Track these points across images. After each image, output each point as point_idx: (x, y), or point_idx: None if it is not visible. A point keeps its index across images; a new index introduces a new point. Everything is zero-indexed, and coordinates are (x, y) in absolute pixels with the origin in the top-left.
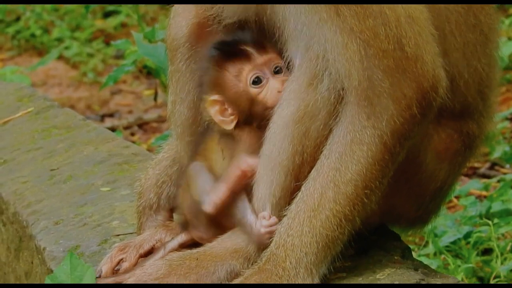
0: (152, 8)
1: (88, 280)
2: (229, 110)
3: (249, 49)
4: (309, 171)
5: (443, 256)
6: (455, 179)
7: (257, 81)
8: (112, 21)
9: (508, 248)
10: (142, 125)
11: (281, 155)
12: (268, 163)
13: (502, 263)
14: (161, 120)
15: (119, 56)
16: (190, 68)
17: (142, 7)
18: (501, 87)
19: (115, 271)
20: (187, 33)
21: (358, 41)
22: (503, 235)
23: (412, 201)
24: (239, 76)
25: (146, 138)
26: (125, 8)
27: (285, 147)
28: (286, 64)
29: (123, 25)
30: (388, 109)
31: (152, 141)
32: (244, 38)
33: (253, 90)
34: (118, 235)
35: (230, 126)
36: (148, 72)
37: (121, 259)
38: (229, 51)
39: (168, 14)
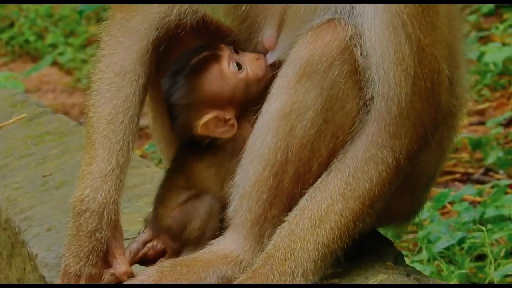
0: None
1: None
2: (226, 116)
3: (210, 52)
4: (294, 172)
5: (436, 262)
6: (443, 164)
7: (239, 66)
8: None
9: (502, 254)
10: None
11: (263, 148)
12: (249, 153)
13: (495, 269)
14: None
15: None
16: None
17: None
18: (495, 92)
19: None
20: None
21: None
22: (496, 241)
23: (408, 198)
24: (223, 74)
25: (140, 144)
26: None
27: (268, 141)
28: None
29: None
30: (408, 133)
31: (146, 147)
32: (192, 52)
33: (241, 75)
34: None
35: (234, 130)
36: None
37: None
38: (197, 64)
39: None
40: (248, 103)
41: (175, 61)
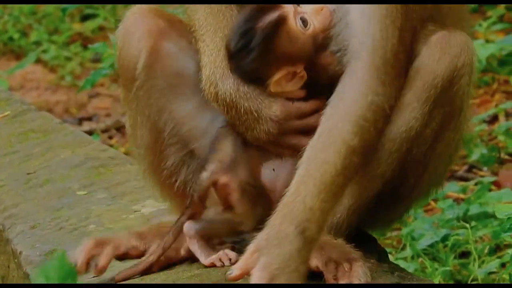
0: None
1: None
2: (297, 70)
3: (276, 15)
4: None
5: (420, 259)
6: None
7: (304, 23)
8: (90, 25)
9: (486, 251)
10: (120, 128)
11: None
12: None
13: (479, 266)
14: None
15: (97, 60)
16: (148, 93)
17: (120, 11)
18: (479, 89)
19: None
20: (142, 58)
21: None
22: (480, 238)
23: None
24: (292, 35)
25: (124, 141)
26: (102, 11)
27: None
28: None
29: (101, 28)
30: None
31: (129, 144)
32: (257, 14)
33: (309, 31)
34: None
35: (303, 80)
36: None
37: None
38: (266, 31)
39: None
40: (320, 63)
41: (239, 24)
